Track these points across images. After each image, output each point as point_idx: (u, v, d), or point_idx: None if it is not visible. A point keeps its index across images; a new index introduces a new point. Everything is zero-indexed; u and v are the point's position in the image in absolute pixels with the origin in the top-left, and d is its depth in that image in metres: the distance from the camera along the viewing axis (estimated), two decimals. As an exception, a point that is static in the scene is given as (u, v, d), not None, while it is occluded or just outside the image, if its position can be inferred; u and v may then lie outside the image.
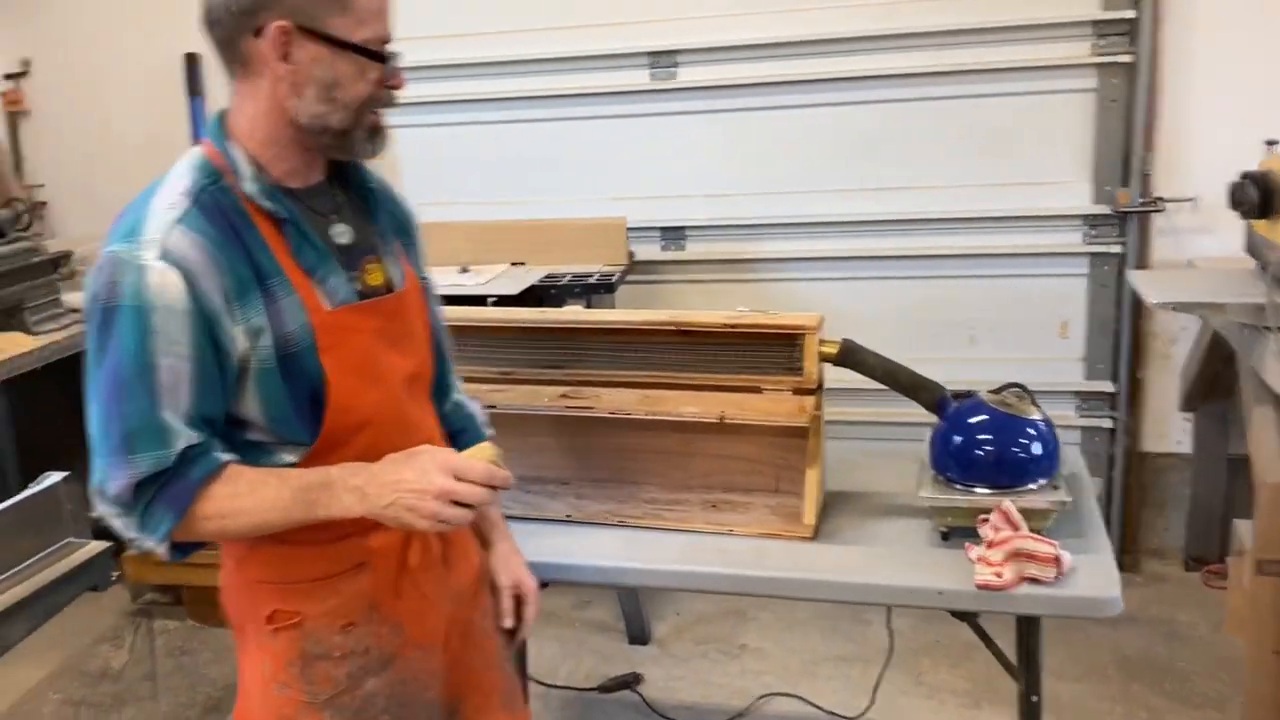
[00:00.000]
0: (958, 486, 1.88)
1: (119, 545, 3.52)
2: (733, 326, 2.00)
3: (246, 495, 1.26)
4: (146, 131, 3.95)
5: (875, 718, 2.71)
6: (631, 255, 3.41)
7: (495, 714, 1.60)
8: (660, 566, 1.88)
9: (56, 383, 3.46)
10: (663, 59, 3.44)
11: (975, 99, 3.25)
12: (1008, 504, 1.79)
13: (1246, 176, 2.42)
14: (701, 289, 3.60)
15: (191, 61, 3.82)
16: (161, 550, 1.28)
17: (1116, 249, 3.23)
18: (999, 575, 1.72)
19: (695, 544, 1.95)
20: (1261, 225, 2.51)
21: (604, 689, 2.91)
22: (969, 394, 1.92)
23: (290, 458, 1.34)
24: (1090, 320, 3.33)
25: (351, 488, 1.26)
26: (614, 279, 3.15)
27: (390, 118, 1.37)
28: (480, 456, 1.29)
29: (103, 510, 1.27)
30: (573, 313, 2.55)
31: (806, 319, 1.97)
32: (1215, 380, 3.05)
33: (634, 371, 2.07)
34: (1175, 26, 3.09)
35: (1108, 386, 3.34)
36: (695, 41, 3.40)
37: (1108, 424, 3.37)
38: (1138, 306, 3.23)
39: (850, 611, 3.17)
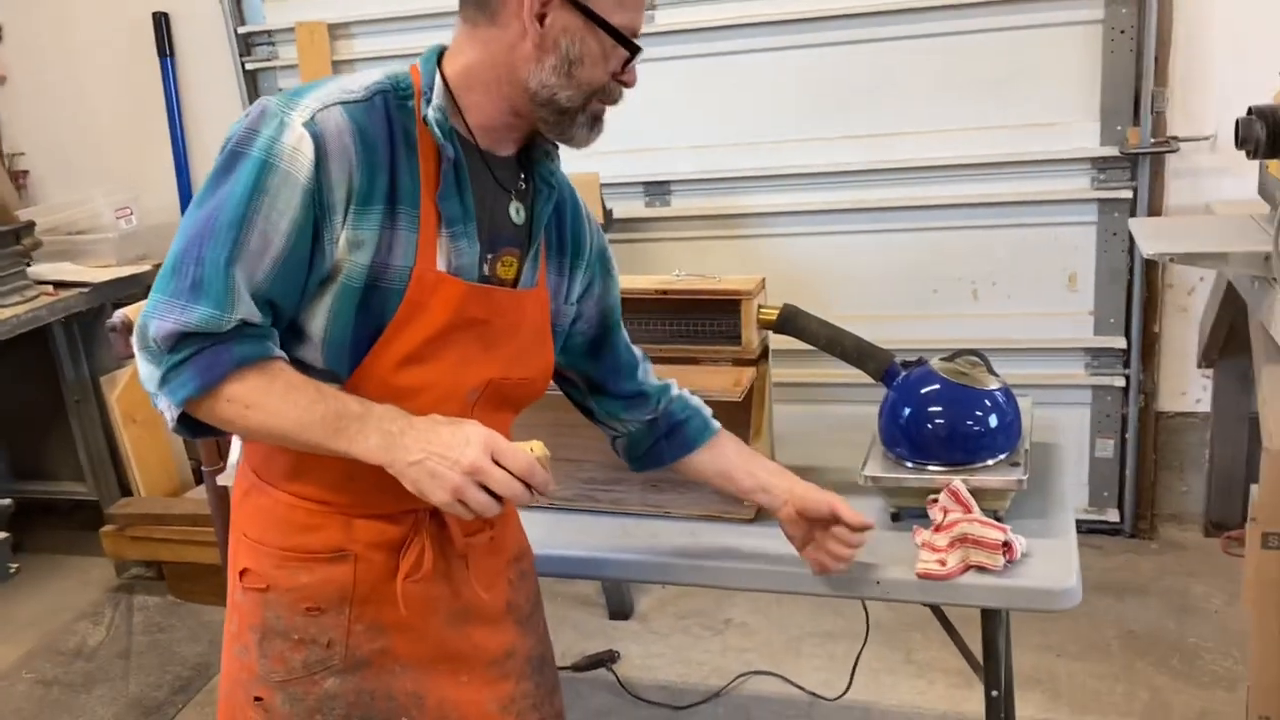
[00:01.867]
0: (908, 464, 1.71)
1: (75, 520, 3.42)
2: (664, 293, 1.84)
3: (279, 394, 1.16)
4: (121, 95, 3.87)
5: (856, 698, 2.57)
6: (609, 213, 3.24)
7: None
8: (579, 554, 1.74)
9: (26, 357, 3.42)
10: (639, 2, 3.25)
11: (970, 35, 3.01)
12: (957, 483, 1.62)
13: (1254, 112, 2.18)
14: (688, 246, 3.43)
15: (161, 21, 3.70)
16: (171, 416, 1.18)
17: (1126, 194, 3.00)
18: (942, 563, 1.56)
19: (625, 527, 1.81)
20: (1274, 165, 2.27)
21: (577, 668, 2.79)
22: (919, 362, 1.74)
23: None
24: (1100, 271, 3.10)
25: (384, 430, 1.15)
26: (585, 239, 2.99)
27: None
28: (528, 450, 1.17)
29: (136, 349, 1.17)
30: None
31: (744, 283, 1.81)
32: (1232, 333, 2.82)
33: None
34: (1190, -54, 2.83)
35: (1120, 342, 3.12)
36: (673, -19, 3.20)
37: (1120, 382, 3.16)
38: (1151, 255, 3.00)
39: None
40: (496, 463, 1.14)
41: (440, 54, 1.28)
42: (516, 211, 1.32)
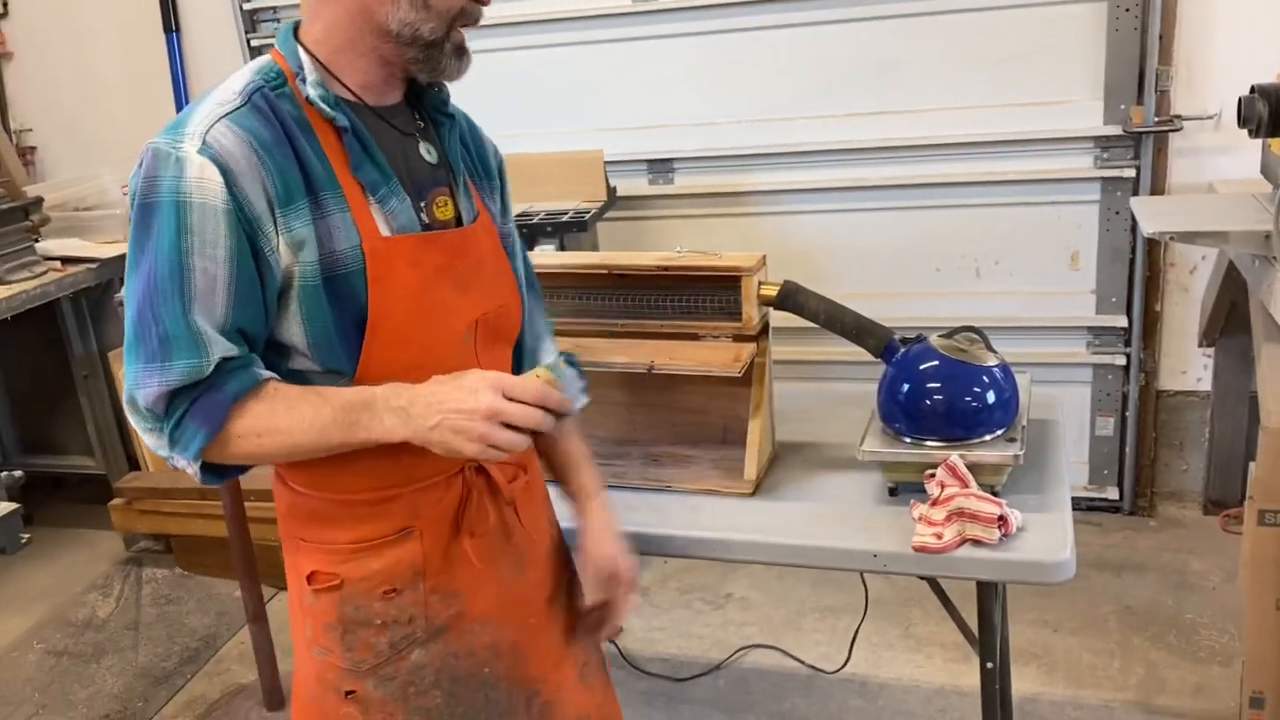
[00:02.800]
0: (906, 439, 1.73)
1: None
2: (666, 269, 1.85)
3: (284, 413, 1.17)
4: (127, 70, 3.88)
5: (856, 672, 2.61)
6: (613, 190, 3.25)
7: (573, 689, 1.48)
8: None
9: (34, 332, 3.45)
10: (644, -22, 3.25)
11: (975, 12, 3.00)
12: (955, 458, 1.64)
13: (1256, 90, 2.18)
14: (692, 224, 3.44)
15: (166, -3, 3.71)
16: (193, 471, 1.19)
17: (1130, 173, 3.00)
18: (939, 537, 1.58)
19: (627, 501, 1.82)
20: (1276, 144, 2.27)
21: (580, 640, 2.82)
22: (918, 339, 1.76)
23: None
24: (1102, 250, 3.10)
25: (395, 408, 1.17)
26: (588, 216, 3.00)
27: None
28: (534, 377, 1.19)
29: (134, 423, 1.19)
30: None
31: (745, 259, 1.82)
32: (1233, 312, 2.83)
33: (567, 319, 1.94)
34: (1195, -77, 2.82)
35: (1121, 321, 3.13)
36: (679, -42, 3.19)
37: (1121, 360, 3.17)
38: (1154, 234, 3.01)
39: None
40: (509, 399, 1.16)
41: (296, 29, 1.26)
42: (428, 152, 1.31)
